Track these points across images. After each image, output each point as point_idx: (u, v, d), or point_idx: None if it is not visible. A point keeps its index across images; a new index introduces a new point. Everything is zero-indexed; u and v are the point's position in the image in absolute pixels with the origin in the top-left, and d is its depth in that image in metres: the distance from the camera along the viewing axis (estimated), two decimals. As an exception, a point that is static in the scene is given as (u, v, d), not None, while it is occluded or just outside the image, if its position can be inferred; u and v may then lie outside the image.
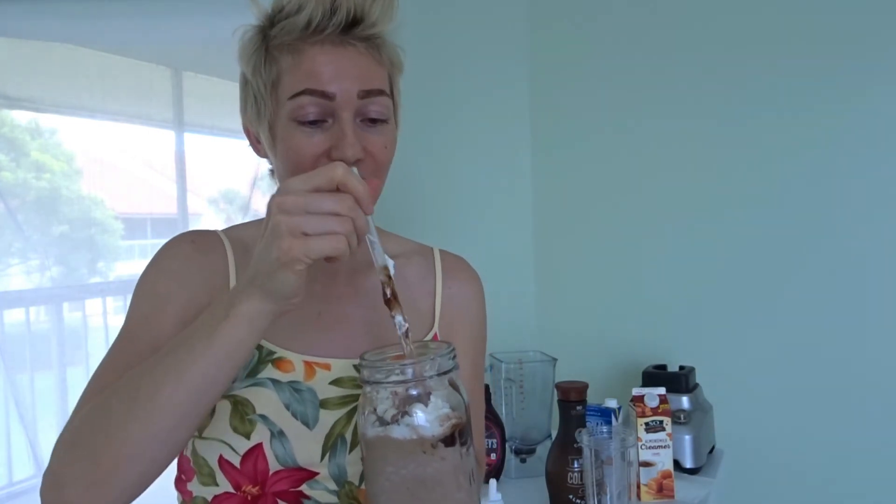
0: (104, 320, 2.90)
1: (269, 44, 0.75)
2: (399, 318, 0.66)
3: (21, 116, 2.62)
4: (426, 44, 1.64)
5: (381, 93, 0.74)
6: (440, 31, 1.75)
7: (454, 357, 0.64)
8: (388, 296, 0.66)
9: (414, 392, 0.60)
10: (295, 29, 0.72)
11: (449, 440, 0.60)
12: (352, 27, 0.73)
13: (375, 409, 0.61)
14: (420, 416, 0.59)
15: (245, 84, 0.78)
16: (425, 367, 0.61)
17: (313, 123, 0.72)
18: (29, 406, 2.46)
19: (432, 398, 0.60)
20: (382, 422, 0.60)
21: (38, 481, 0.66)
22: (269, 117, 0.75)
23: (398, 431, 0.59)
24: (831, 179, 1.46)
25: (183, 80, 2.78)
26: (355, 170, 0.66)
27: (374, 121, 0.74)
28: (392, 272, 0.66)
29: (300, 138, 0.72)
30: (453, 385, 0.62)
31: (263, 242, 0.62)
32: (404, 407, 0.60)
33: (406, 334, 0.66)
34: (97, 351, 2.83)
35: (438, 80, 1.74)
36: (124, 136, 2.66)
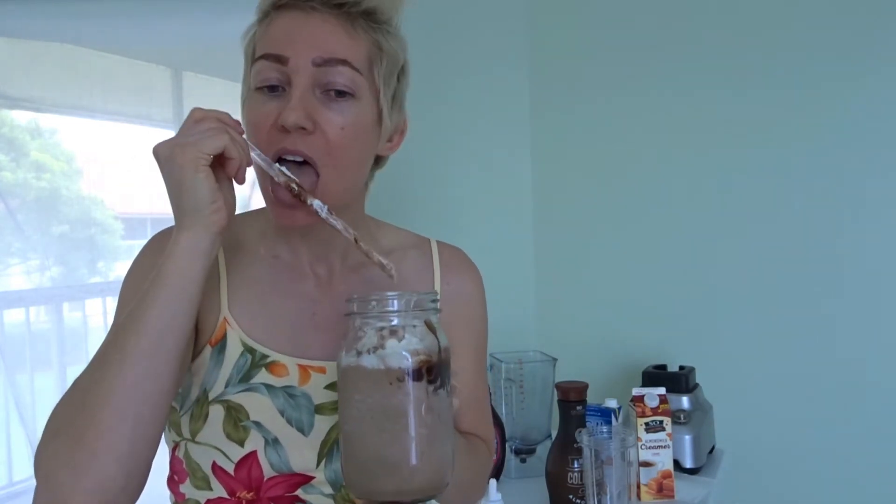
0: (104, 320, 2.89)
1: (257, 20, 0.74)
2: (317, 202, 0.68)
3: (21, 116, 2.62)
4: (427, 39, 1.64)
5: (342, 63, 0.69)
6: (440, 25, 1.75)
7: (435, 301, 0.66)
8: (297, 190, 0.68)
9: (388, 324, 0.63)
10: None
11: (416, 375, 0.62)
12: None
13: (353, 342, 0.64)
14: (390, 348, 0.62)
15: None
16: (402, 302, 0.63)
17: (271, 90, 0.70)
18: (29, 406, 2.45)
19: (406, 333, 0.63)
20: (357, 352, 0.63)
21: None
22: (245, 93, 0.74)
23: (368, 361, 0.62)
24: (832, 180, 1.46)
25: (183, 80, 2.78)
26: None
27: (340, 94, 0.70)
28: (287, 172, 0.68)
29: (256, 106, 0.71)
30: (430, 327, 0.64)
31: (164, 175, 0.64)
32: (377, 338, 0.62)
33: (330, 213, 0.68)
34: (97, 351, 2.83)
35: (438, 76, 1.74)
36: (124, 136, 2.65)
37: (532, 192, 1.80)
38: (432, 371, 0.63)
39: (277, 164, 0.68)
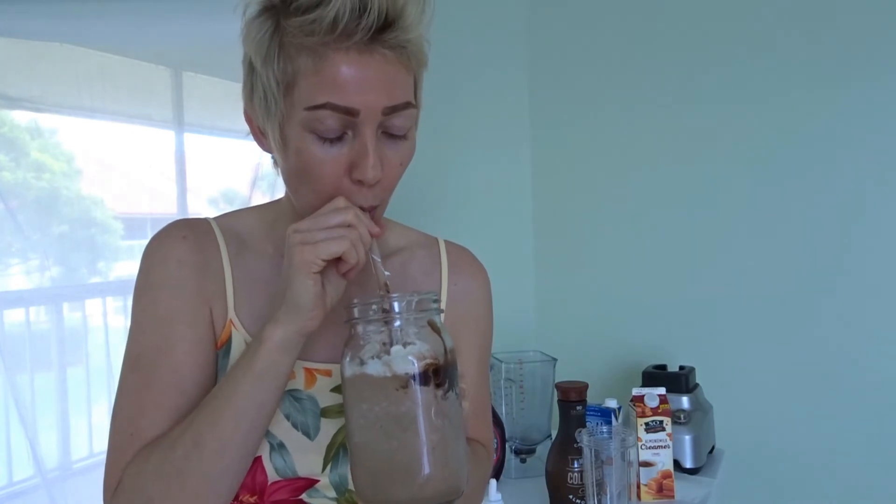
0: (104, 320, 2.89)
1: (284, 38, 0.66)
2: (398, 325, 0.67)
3: (21, 116, 2.61)
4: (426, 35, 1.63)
5: (406, 105, 0.69)
6: (440, 26, 1.75)
7: (436, 301, 0.66)
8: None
9: (391, 328, 0.62)
10: (318, 29, 0.64)
11: (423, 379, 0.61)
12: (382, 31, 0.64)
13: (355, 349, 0.63)
14: (395, 353, 0.61)
15: (251, 71, 0.71)
16: (403, 305, 0.63)
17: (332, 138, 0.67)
18: (29, 406, 2.44)
19: (410, 337, 0.62)
20: (361, 360, 0.62)
21: (38, 481, 0.66)
22: (279, 118, 0.68)
23: (373, 368, 0.61)
24: (832, 181, 1.46)
25: (183, 80, 2.77)
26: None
27: (394, 135, 0.70)
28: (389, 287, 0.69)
29: (317, 153, 0.67)
30: (434, 327, 0.64)
31: (284, 262, 0.66)
32: (381, 344, 0.62)
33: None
34: (97, 351, 2.82)
35: (438, 76, 1.74)
36: (124, 136, 2.65)
37: (532, 192, 1.80)
38: (439, 374, 0.62)
39: (386, 273, 0.68)
